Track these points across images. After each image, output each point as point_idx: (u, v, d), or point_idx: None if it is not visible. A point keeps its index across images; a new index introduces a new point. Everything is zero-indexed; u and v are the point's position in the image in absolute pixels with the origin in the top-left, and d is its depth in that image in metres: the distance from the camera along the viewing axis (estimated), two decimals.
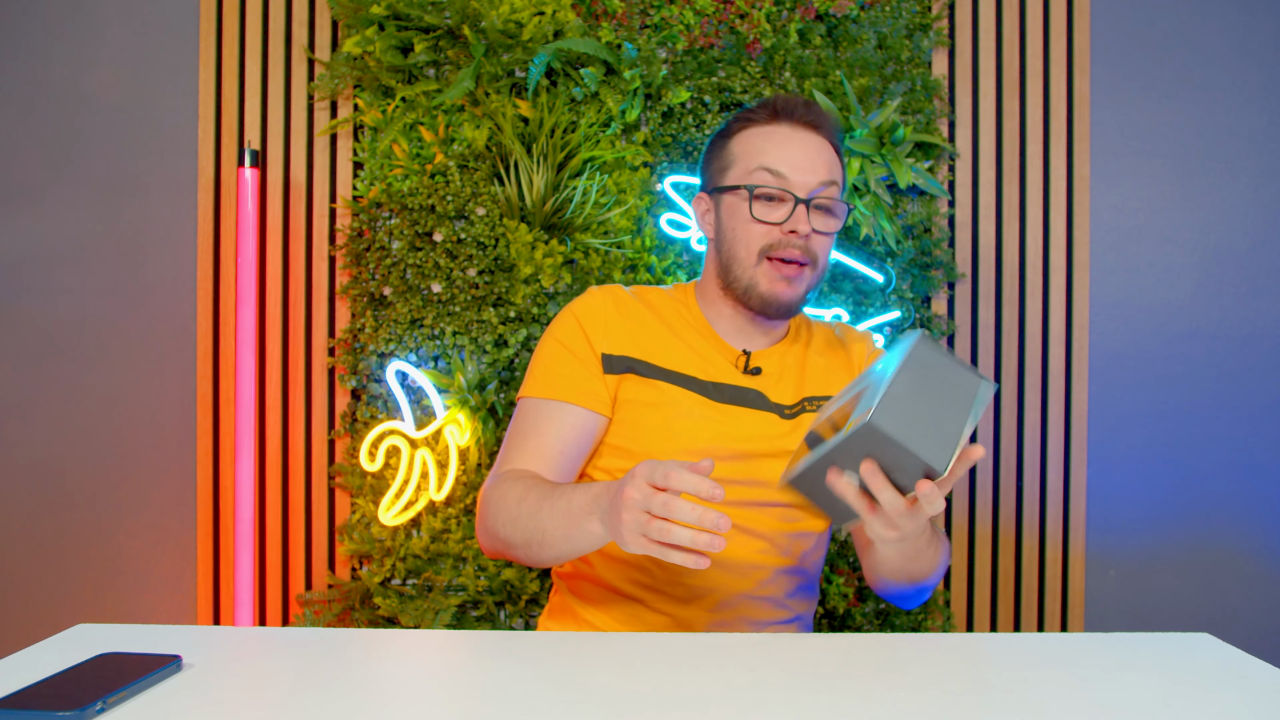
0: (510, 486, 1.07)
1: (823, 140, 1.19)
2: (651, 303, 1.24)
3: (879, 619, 2.10)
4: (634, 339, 1.19)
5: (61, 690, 0.75)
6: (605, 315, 1.20)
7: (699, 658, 0.89)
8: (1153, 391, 2.21)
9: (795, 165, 1.16)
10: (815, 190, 1.16)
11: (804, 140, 1.18)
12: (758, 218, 1.16)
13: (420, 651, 0.92)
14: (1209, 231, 2.22)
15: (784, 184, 1.15)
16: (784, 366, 1.23)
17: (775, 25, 2.13)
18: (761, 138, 1.19)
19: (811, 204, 1.15)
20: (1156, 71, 2.21)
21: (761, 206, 1.16)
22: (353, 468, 2.13)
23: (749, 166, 1.17)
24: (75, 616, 2.18)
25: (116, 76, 2.21)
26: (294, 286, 2.19)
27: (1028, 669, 0.87)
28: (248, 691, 0.80)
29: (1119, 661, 0.89)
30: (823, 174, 1.17)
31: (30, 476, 2.23)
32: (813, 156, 1.17)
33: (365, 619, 2.11)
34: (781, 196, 1.16)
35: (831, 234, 1.19)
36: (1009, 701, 0.79)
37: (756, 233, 1.16)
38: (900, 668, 0.88)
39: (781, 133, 1.18)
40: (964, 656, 0.91)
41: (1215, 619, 2.20)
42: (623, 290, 1.24)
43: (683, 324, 1.23)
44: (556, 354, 1.18)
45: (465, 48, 2.09)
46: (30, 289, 2.22)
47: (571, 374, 1.17)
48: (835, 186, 1.18)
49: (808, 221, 1.15)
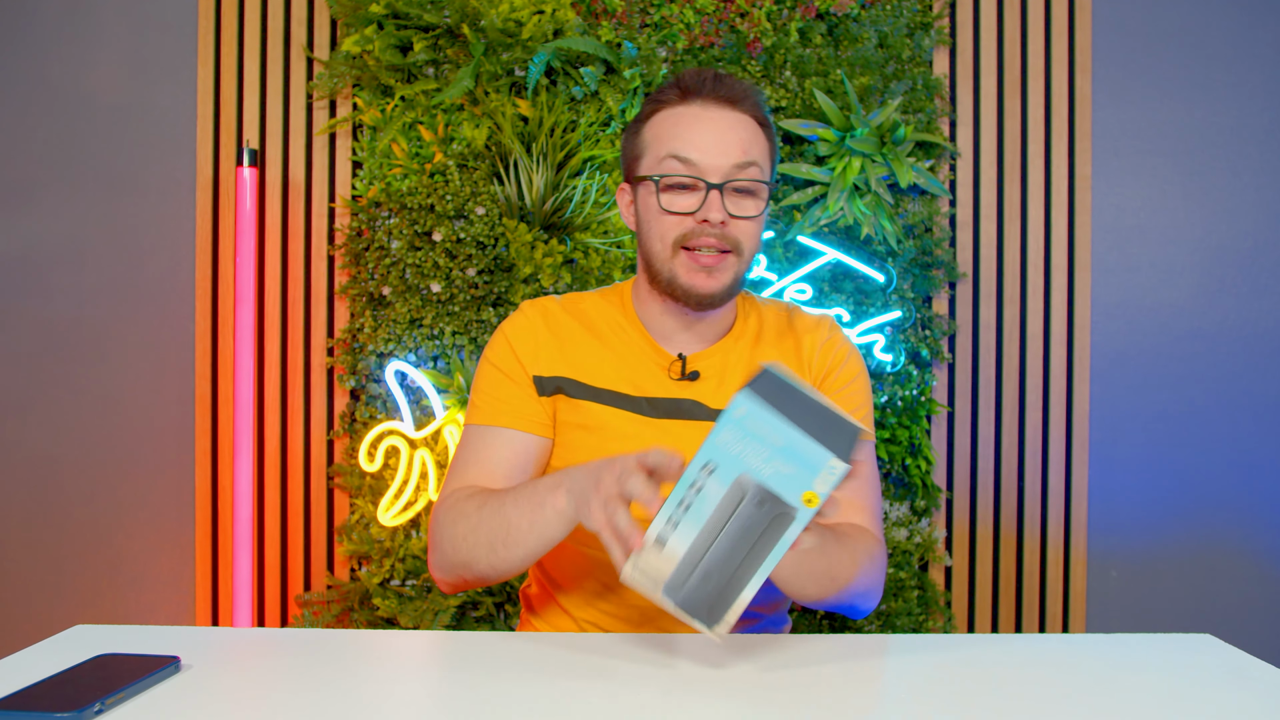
0: (466, 499, 1.05)
1: (740, 116, 1.10)
2: (584, 312, 1.20)
3: (879, 620, 2.09)
4: (564, 357, 1.15)
5: (59, 691, 0.75)
6: (534, 335, 1.16)
7: (696, 658, 0.88)
8: (1154, 391, 2.20)
9: (705, 148, 1.07)
10: (730, 173, 1.08)
11: (716, 119, 1.09)
12: (668, 209, 1.08)
13: (420, 653, 0.91)
14: (1211, 231, 2.21)
15: (694, 170, 1.07)
16: (726, 366, 1.16)
17: (776, 24, 2.13)
18: (670, 121, 1.10)
19: (726, 188, 1.07)
20: (1158, 70, 2.20)
21: (672, 196, 1.08)
22: (352, 468, 2.12)
23: (659, 154, 1.10)
24: (73, 617, 2.17)
25: (115, 76, 2.20)
26: (293, 286, 2.18)
27: (1029, 670, 0.87)
28: (246, 693, 0.80)
29: (1120, 663, 0.89)
30: (737, 154, 1.08)
31: (28, 477, 2.22)
32: (725, 136, 1.08)
33: (364, 620, 2.10)
34: (692, 184, 1.08)
35: (754, 217, 1.10)
36: (1010, 703, 0.78)
37: (669, 224, 1.08)
38: (900, 669, 0.87)
39: (691, 113, 1.09)
40: (964, 658, 0.90)
41: (1217, 620, 2.19)
42: (553, 304, 1.20)
43: (616, 332, 1.18)
44: (493, 379, 1.16)
45: (465, 46, 2.08)
46: (28, 289, 2.22)
47: (508, 398, 1.14)
48: (755, 167, 1.09)
49: (722, 208, 1.07)
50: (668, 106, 1.11)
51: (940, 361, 2.19)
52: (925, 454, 2.14)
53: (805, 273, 2.11)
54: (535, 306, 1.20)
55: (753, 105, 1.11)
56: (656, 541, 0.76)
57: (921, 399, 2.14)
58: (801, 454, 0.73)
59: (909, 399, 2.13)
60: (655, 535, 0.77)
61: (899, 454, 2.13)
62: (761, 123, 1.12)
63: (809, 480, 0.74)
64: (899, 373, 2.13)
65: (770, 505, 0.75)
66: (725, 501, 0.75)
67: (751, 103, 1.11)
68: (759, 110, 1.12)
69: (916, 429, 2.13)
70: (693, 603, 0.78)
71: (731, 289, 1.11)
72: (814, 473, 0.73)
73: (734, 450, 0.74)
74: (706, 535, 0.76)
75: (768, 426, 0.73)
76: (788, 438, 0.73)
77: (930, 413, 2.16)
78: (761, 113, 1.12)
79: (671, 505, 0.76)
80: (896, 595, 2.09)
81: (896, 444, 2.12)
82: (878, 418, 2.12)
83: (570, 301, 1.21)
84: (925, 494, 2.14)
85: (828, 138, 2.07)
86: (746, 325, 1.20)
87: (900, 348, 2.12)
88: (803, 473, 0.74)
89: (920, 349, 2.14)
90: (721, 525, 0.76)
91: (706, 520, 0.76)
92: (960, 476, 2.20)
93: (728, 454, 0.74)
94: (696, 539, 0.76)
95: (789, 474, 0.74)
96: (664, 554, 0.76)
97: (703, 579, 0.77)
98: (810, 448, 0.73)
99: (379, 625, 2.08)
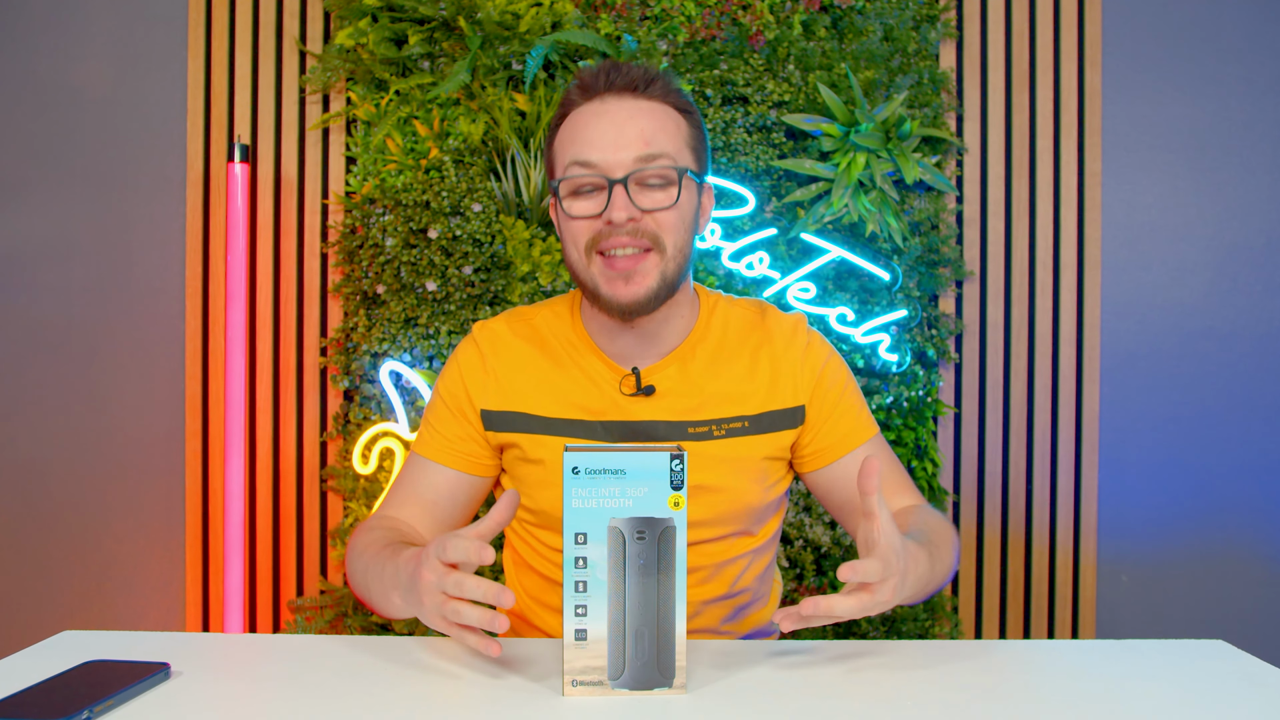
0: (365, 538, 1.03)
1: (643, 104, 1.03)
2: (536, 330, 1.15)
3: (884, 625, 2.06)
4: (515, 388, 1.11)
5: (47, 699, 0.74)
6: (483, 367, 1.12)
7: (698, 664, 0.87)
8: (1166, 392, 2.18)
9: (604, 146, 1.01)
10: (633, 166, 1.00)
11: (614, 111, 1.02)
12: (571, 213, 1.02)
13: (415, 659, 0.90)
14: (1224, 228, 2.18)
15: (594, 170, 1.01)
16: (684, 377, 1.10)
17: (779, 16, 2.10)
18: (571, 124, 1.04)
19: (630, 182, 1.00)
20: (1170, 64, 2.17)
21: (574, 201, 1.03)
22: (345, 470, 2.10)
23: (564, 161, 1.03)
24: (61, 623, 2.15)
25: (103, 70, 2.17)
26: (285, 285, 2.16)
27: (1037, 677, 0.86)
28: (237, 700, 0.79)
29: (1131, 669, 0.88)
30: (636, 146, 1.00)
31: (14, 479, 2.20)
32: (623, 128, 1.01)
33: (358, 626, 2.08)
34: (596, 183, 1.02)
35: (670, 208, 1.01)
36: (1018, 712, 0.77)
37: (578, 229, 1.02)
38: (906, 676, 0.86)
39: (589, 111, 1.03)
40: (971, 664, 0.89)
41: (1230, 625, 2.16)
42: (502, 327, 1.15)
43: (567, 350, 1.13)
44: (439, 412, 1.14)
45: (461, 40, 2.06)
46: (14, 287, 2.19)
47: (448, 434, 1.12)
48: (663, 158, 1.01)
49: (628, 204, 0.99)
50: (573, 108, 1.05)
51: (947, 362, 2.16)
52: (931, 456, 2.11)
53: (809, 271, 2.08)
54: (485, 332, 1.15)
55: (661, 89, 1.04)
56: (576, 641, 0.77)
57: (927, 400, 2.11)
58: (642, 467, 0.78)
59: (915, 400, 2.10)
60: (572, 635, 0.77)
61: (904, 456, 2.10)
62: (678, 107, 1.05)
63: (663, 487, 0.78)
64: (904, 373, 2.10)
65: (648, 530, 0.78)
66: (612, 556, 0.78)
67: (660, 87, 1.04)
68: (670, 94, 1.05)
69: (922, 431, 2.10)
70: (644, 673, 0.78)
71: (659, 292, 1.02)
72: (663, 476, 0.78)
73: (589, 505, 0.77)
74: (615, 597, 0.78)
75: (600, 462, 0.78)
76: (621, 460, 0.78)
77: (936, 414, 2.13)
78: (674, 95, 1.05)
79: (570, 595, 0.77)
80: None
81: (902, 446, 2.10)
82: (883, 419, 2.09)
83: (520, 320, 1.16)
84: (932, 497, 2.12)
85: (832, 133, 2.05)
86: (708, 330, 1.13)
87: (906, 348, 2.10)
88: (654, 483, 0.78)
89: (926, 349, 2.11)
90: (622, 578, 0.78)
91: (608, 584, 0.78)
92: (967, 479, 2.17)
93: (586, 513, 0.77)
94: (610, 609, 0.78)
95: (644, 494, 0.78)
96: (589, 647, 0.77)
97: (636, 641, 0.78)
98: (644, 458, 0.78)
99: (373, 631, 2.06)
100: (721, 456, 1.07)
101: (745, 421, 1.09)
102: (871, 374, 2.11)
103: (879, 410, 2.09)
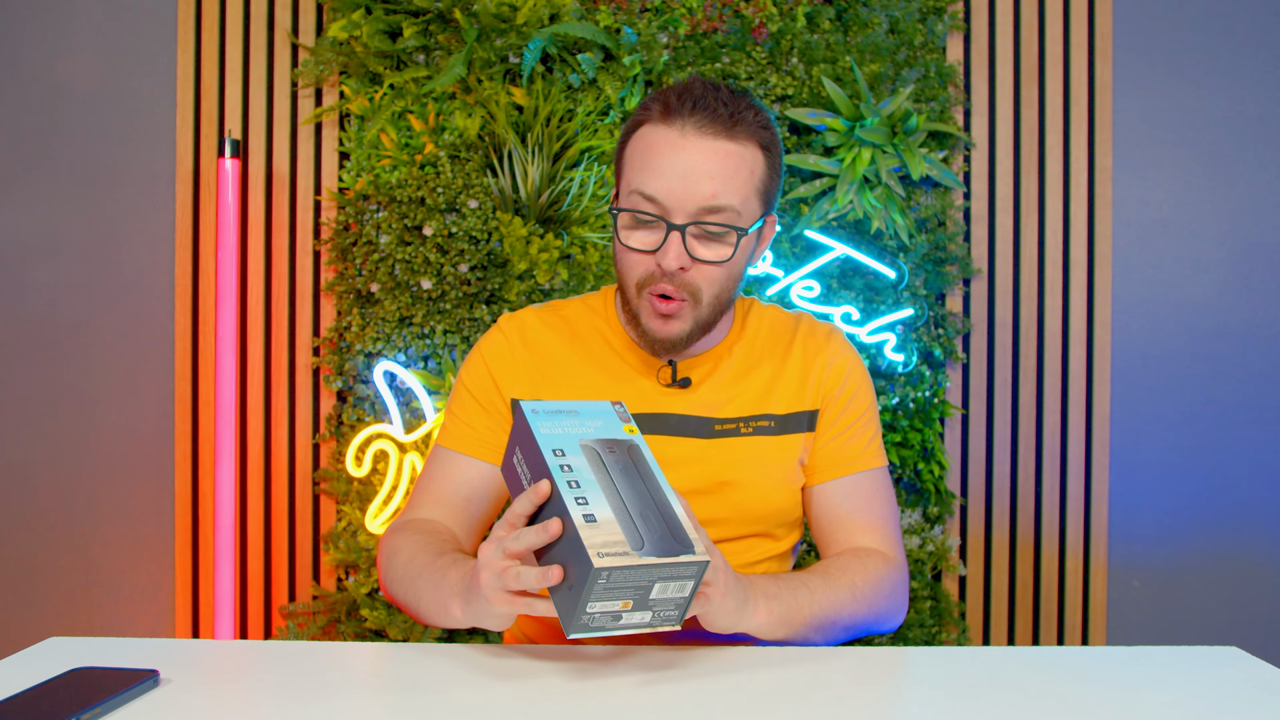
0: (404, 540, 1.02)
1: (722, 145, 0.99)
2: (568, 321, 1.15)
3: (891, 631, 2.03)
4: (545, 377, 1.11)
5: (32, 707, 0.73)
6: (511, 356, 1.12)
7: (704, 671, 0.87)
8: (1178, 393, 2.15)
9: (671, 186, 0.97)
10: (696, 215, 0.98)
11: (690, 149, 0.98)
12: (629, 245, 1.01)
13: (409, 666, 0.89)
14: (1237, 224, 2.15)
15: (656, 209, 0.99)
16: (719, 373, 1.11)
17: (782, 8, 2.07)
18: (645, 146, 1.01)
19: (689, 231, 0.99)
20: (1182, 57, 2.14)
21: (635, 232, 1.01)
22: (338, 473, 2.07)
23: (629, 182, 1.01)
24: (47, 629, 2.13)
25: (91, 63, 2.14)
26: (277, 283, 2.12)
27: (1046, 685, 0.85)
28: (228, 708, 0.79)
29: (1142, 677, 0.87)
30: (704, 195, 0.97)
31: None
32: (696, 171, 0.97)
33: (352, 632, 2.06)
34: (655, 222, 1.00)
35: (721, 263, 1.01)
36: (1027, 719, 0.77)
37: (632, 262, 1.02)
38: (913, 683, 0.85)
39: (667, 139, 0.99)
40: (980, 671, 0.88)
41: (1244, 632, 2.14)
42: (533, 317, 1.15)
43: (600, 343, 1.13)
44: (464, 403, 1.13)
45: (457, 32, 2.02)
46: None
47: (476, 425, 1.11)
48: (728, 212, 0.98)
49: (682, 253, 0.98)
50: (649, 124, 1.02)
51: (954, 361, 2.13)
52: (938, 458, 2.08)
53: (813, 269, 2.04)
54: (513, 322, 1.15)
55: (746, 131, 1.00)
56: (587, 522, 0.78)
57: (934, 401, 2.08)
58: (590, 410, 0.87)
59: (921, 401, 2.07)
60: (581, 518, 0.78)
61: (911, 458, 2.07)
62: (761, 143, 1.01)
63: (615, 423, 0.87)
64: (911, 373, 2.07)
65: (617, 448, 0.85)
66: (593, 462, 0.82)
67: (744, 128, 0.99)
68: (753, 135, 1.00)
69: (929, 432, 2.07)
70: (664, 544, 0.79)
71: (692, 333, 1.05)
72: (611, 417, 0.87)
73: (559, 433, 0.83)
74: (610, 492, 0.81)
75: (554, 406, 0.86)
76: (571, 405, 0.86)
77: (944, 415, 2.10)
78: (757, 138, 1.01)
79: (567, 491, 0.79)
80: (908, 606, 2.04)
81: (909, 448, 2.07)
82: (889, 420, 2.06)
83: (550, 311, 1.17)
84: (938, 500, 2.09)
85: (836, 128, 2.01)
86: (743, 332, 1.14)
87: (912, 347, 2.06)
88: (606, 420, 0.87)
89: (933, 348, 2.08)
90: (610, 479, 0.82)
91: (598, 483, 0.81)
92: (975, 482, 2.14)
93: (558, 438, 0.83)
94: (609, 498, 0.80)
95: (600, 425, 0.86)
96: (603, 525, 0.78)
97: (645, 522, 0.80)
98: (592, 405, 0.87)
99: (367, 637, 2.04)
100: (747, 454, 1.08)
101: (772, 421, 1.09)
102: (877, 374, 2.07)
103: (885, 411, 2.06)
